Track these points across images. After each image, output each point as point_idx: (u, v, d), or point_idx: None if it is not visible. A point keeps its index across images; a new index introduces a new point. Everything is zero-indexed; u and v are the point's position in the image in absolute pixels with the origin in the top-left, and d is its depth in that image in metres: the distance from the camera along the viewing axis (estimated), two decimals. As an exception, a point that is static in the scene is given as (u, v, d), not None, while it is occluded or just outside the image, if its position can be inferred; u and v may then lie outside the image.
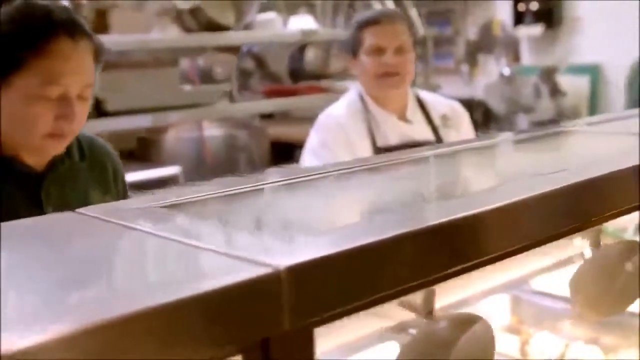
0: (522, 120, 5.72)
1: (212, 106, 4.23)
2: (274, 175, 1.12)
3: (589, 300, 1.34)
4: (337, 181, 1.13)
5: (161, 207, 0.96)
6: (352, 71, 2.84)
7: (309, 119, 5.59)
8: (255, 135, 5.30)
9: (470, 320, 0.98)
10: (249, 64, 5.46)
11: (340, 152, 2.56)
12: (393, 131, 2.67)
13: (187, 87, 4.43)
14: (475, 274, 2.00)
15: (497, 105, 5.85)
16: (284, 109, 4.97)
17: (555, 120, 5.88)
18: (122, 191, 1.91)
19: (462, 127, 2.81)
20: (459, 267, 0.90)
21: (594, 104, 6.45)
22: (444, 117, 2.77)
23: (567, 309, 2.20)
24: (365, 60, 2.66)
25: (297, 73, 5.46)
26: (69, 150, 1.76)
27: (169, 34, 4.17)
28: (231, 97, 4.44)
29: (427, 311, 1.01)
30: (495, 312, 2.12)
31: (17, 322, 0.62)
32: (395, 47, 2.64)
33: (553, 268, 2.38)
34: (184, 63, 4.85)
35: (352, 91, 2.83)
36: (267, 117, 5.50)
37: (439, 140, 2.69)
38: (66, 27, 1.59)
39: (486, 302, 2.07)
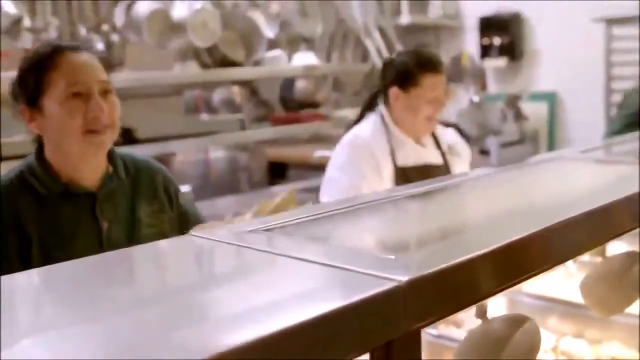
0: (492, 141, 5.75)
1: (229, 133, 4.25)
2: (341, 202, 1.18)
3: (598, 300, 1.40)
4: (396, 206, 1.20)
5: (266, 230, 1.02)
6: (393, 99, 2.68)
7: (301, 141, 5.64)
8: (254, 157, 5.31)
9: (522, 320, 1.05)
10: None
11: (366, 168, 2.53)
12: (411, 153, 2.64)
13: (205, 116, 4.47)
14: None
15: (469, 128, 5.86)
16: (286, 134, 4.99)
17: (520, 141, 5.96)
18: (174, 196, 1.97)
19: (464, 156, 2.83)
20: (516, 280, 0.96)
21: (552, 127, 6.49)
22: (450, 146, 2.77)
23: (553, 307, 2.25)
24: (420, 105, 2.61)
25: (288, 101, 5.48)
26: (116, 170, 1.83)
27: (189, 70, 4.21)
28: (243, 125, 4.46)
29: (482, 313, 1.08)
30: (493, 312, 2.15)
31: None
32: (443, 96, 2.65)
33: (537, 274, 2.44)
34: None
35: (375, 114, 2.75)
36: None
37: (447, 164, 2.71)
38: (68, 47, 1.76)
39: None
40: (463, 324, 2.02)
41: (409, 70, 2.67)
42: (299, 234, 1.01)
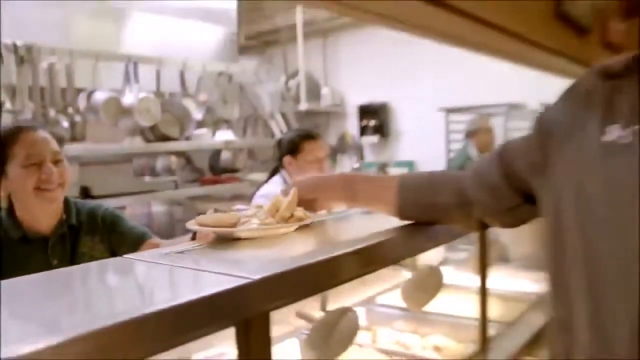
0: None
1: (164, 191, 4.27)
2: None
3: (411, 300, 1.53)
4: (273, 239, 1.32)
5: (177, 252, 1.13)
6: (287, 165, 2.80)
7: (224, 198, 5.69)
8: (187, 210, 5.32)
9: (346, 310, 1.18)
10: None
11: None
12: None
13: (148, 179, 4.48)
14: (343, 295, 2.10)
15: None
16: (212, 192, 5.05)
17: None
18: (112, 223, 1.92)
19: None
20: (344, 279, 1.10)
21: (412, 186, 6.72)
22: None
23: (398, 313, 2.24)
24: (306, 165, 2.71)
25: (215, 167, 5.53)
26: (68, 217, 1.85)
27: (136, 143, 4.24)
28: (176, 186, 4.49)
29: (323, 309, 1.21)
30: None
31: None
32: (324, 157, 2.80)
33: (388, 291, 2.51)
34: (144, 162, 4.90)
35: (278, 177, 2.84)
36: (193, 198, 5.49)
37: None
38: (28, 127, 1.78)
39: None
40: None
41: (294, 141, 2.83)
42: (200, 254, 1.13)
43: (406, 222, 1.33)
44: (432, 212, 1.29)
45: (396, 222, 1.34)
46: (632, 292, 0.87)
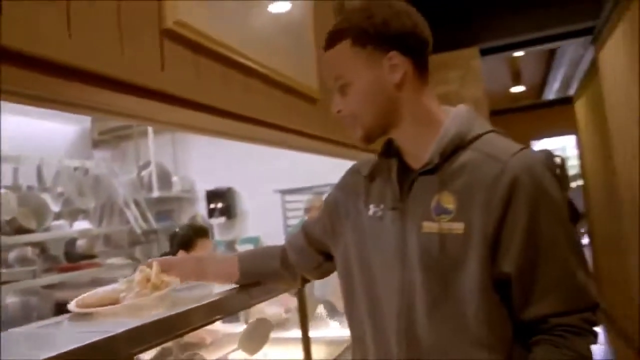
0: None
1: (20, 282, 4.13)
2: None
3: (246, 347, 1.76)
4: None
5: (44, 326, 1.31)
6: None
7: (84, 284, 5.51)
8: (43, 299, 5.09)
9: (194, 355, 1.40)
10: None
11: None
12: None
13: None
14: (207, 353, 2.26)
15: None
16: (70, 279, 4.92)
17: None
18: None
19: None
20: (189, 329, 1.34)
21: (258, 259, 6.92)
22: None
23: None
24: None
25: (71, 254, 5.38)
26: None
27: (-8, 237, 4.08)
28: (34, 275, 4.35)
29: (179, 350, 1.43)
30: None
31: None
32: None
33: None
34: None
35: None
36: (49, 286, 5.26)
37: None
38: None
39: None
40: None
41: (189, 236, 3.02)
42: (67, 325, 1.32)
43: (238, 287, 1.60)
44: (265, 275, 1.59)
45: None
46: (395, 312, 1.24)
